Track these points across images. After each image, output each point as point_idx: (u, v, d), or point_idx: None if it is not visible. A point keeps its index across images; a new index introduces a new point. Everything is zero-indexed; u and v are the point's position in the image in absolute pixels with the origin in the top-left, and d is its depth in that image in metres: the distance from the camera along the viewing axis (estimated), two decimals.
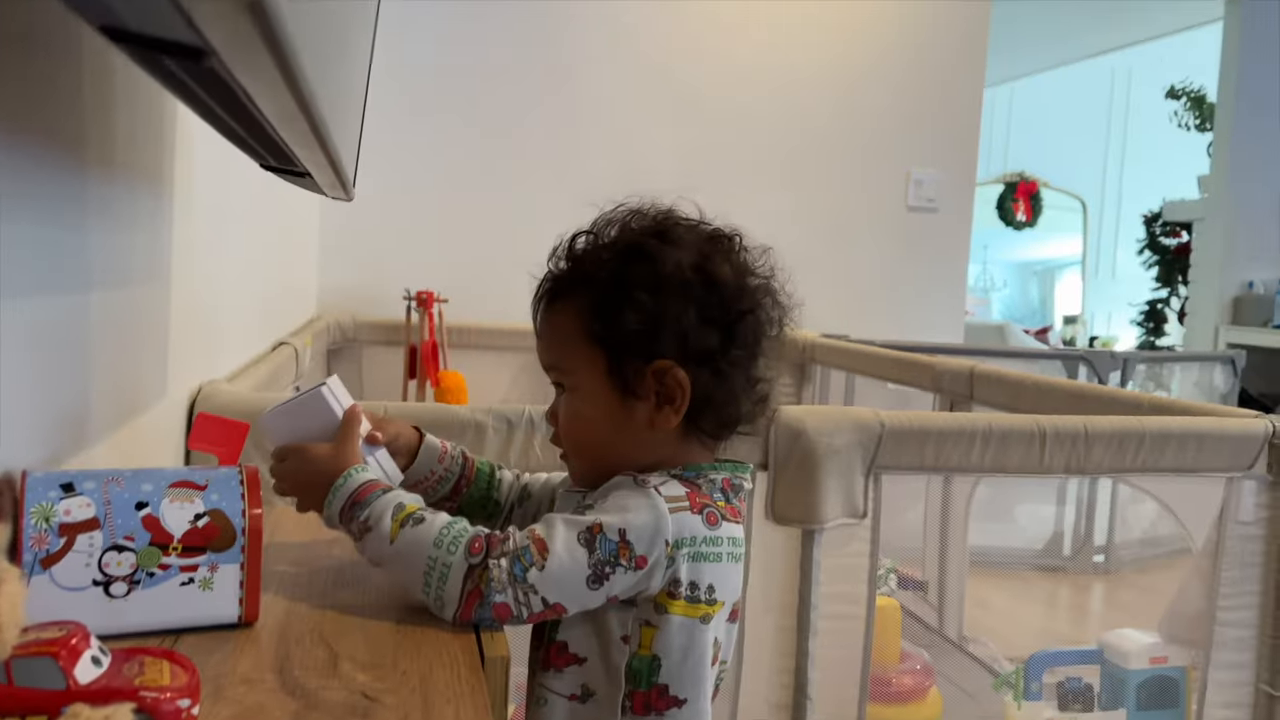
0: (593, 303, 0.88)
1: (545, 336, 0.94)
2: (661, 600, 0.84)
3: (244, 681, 0.67)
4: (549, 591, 0.80)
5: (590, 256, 0.91)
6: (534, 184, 3.32)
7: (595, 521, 0.82)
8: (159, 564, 0.73)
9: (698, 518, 0.84)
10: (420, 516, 0.83)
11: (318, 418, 0.91)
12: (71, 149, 0.85)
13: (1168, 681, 1.74)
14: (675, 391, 0.87)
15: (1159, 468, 1.64)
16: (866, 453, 1.53)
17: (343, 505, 0.85)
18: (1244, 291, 4.90)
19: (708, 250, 0.89)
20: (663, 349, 0.87)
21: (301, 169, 0.81)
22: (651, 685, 0.85)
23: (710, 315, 0.87)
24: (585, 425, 0.91)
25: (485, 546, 0.81)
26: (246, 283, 1.90)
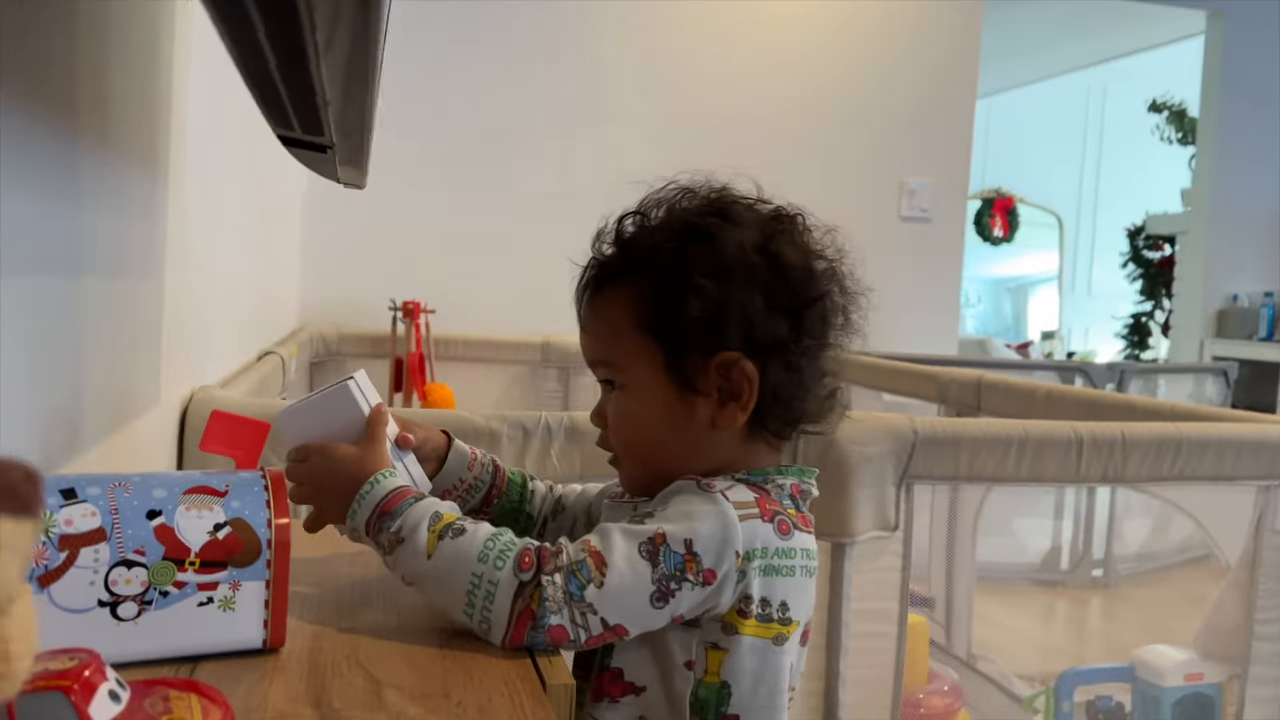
0: (647, 290, 0.80)
1: (592, 329, 0.85)
2: (731, 619, 0.75)
3: (279, 716, 0.58)
4: (609, 611, 0.71)
5: (642, 239, 0.82)
6: (523, 192, 3.24)
7: (658, 531, 0.73)
8: (174, 581, 0.64)
9: (769, 526, 0.75)
10: (460, 527, 0.73)
11: (341, 415, 0.81)
12: (64, 112, 0.76)
13: (1204, 699, 1.68)
14: (742, 386, 0.78)
15: (1196, 476, 1.57)
16: (899, 461, 1.46)
17: (370, 514, 0.75)
18: (1228, 304, 4.90)
19: (771, 230, 0.81)
20: (726, 340, 0.78)
21: (328, 139, 0.72)
22: (720, 716, 0.75)
23: (778, 302, 0.78)
24: (639, 426, 0.82)
25: (536, 561, 0.71)
26: (233, 289, 1.80)
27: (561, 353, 3.04)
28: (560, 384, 3.10)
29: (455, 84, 3.17)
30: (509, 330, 3.09)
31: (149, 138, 1.02)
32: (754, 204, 0.83)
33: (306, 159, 0.88)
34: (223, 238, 1.65)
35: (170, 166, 1.15)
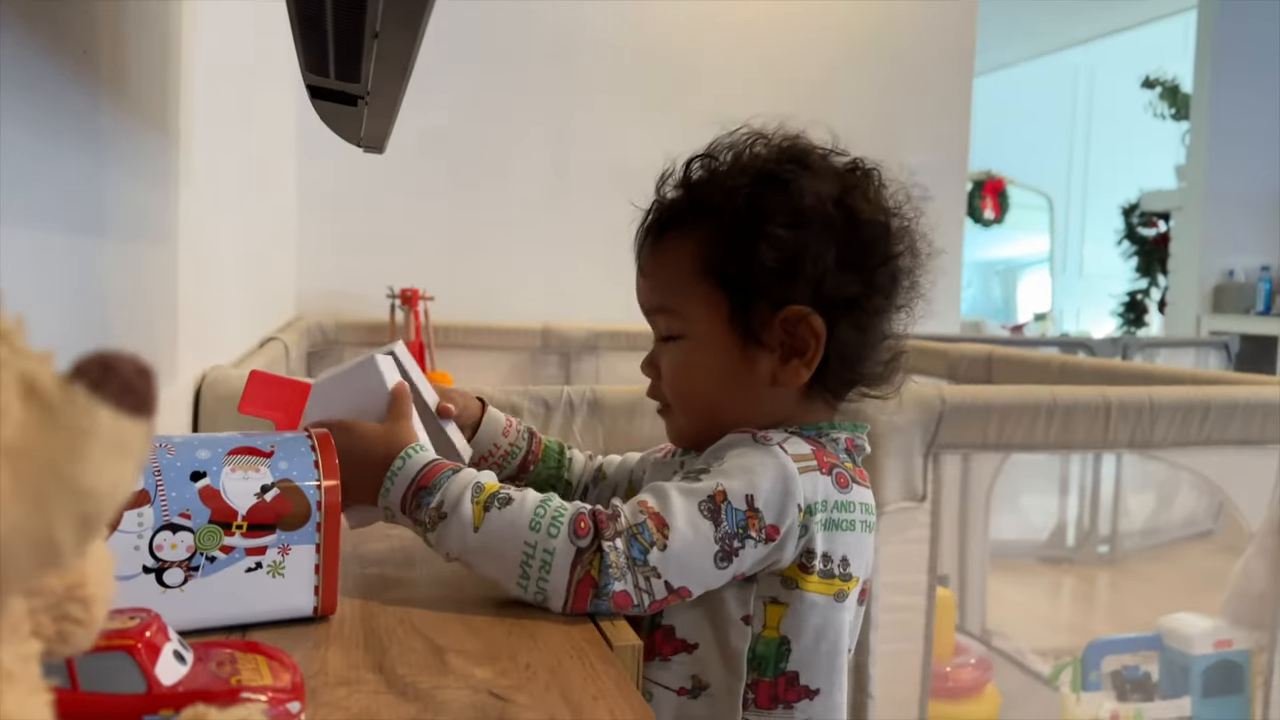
0: (719, 235, 0.76)
1: (653, 274, 0.80)
2: (792, 574, 0.71)
3: (342, 683, 0.55)
4: (673, 574, 0.68)
5: (714, 183, 0.78)
6: (520, 177, 3.20)
7: (717, 488, 0.69)
8: (221, 546, 0.60)
9: (828, 479, 0.72)
10: (506, 496, 0.69)
11: (367, 390, 0.77)
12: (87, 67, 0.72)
13: (1232, 667, 1.66)
14: (808, 343, 0.75)
15: (1223, 440, 1.56)
16: (927, 431, 1.43)
17: (405, 490, 0.71)
18: (1225, 280, 4.90)
19: (849, 183, 0.77)
20: (795, 293, 0.74)
21: (362, 88, 0.68)
22: (780, 673, 0.72)
23: (850, 258, 0.75)
24: (698, 377, 0.78)
25: (593, 525, 0.68)
26: (238, 271, 1.76)
27: (561, 338, 3.01)
28: (561, 370, 3.07)
29: (452, 69, 3.12)
30: (508, 316, 3.06)
31: (161, 99, 0.98)
32: (829, 154, 0.80)
33: (332, 115, 0.85)
34: (228, 220, 1.61)
35: (181, 140, 1.11)
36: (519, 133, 3.20)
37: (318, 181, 2.95)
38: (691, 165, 0.80)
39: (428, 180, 3.13)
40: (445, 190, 3.16)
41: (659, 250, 0.80)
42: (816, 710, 0.73)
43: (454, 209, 3.17)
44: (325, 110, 0.82)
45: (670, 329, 0.79)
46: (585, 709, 0.53)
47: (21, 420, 0.21)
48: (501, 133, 3.18)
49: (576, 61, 3.23)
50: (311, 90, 0.76)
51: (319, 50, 0.61)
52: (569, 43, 3.22)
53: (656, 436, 1.43)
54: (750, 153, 0.78)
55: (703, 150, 0.80)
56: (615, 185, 3.42)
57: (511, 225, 3.21)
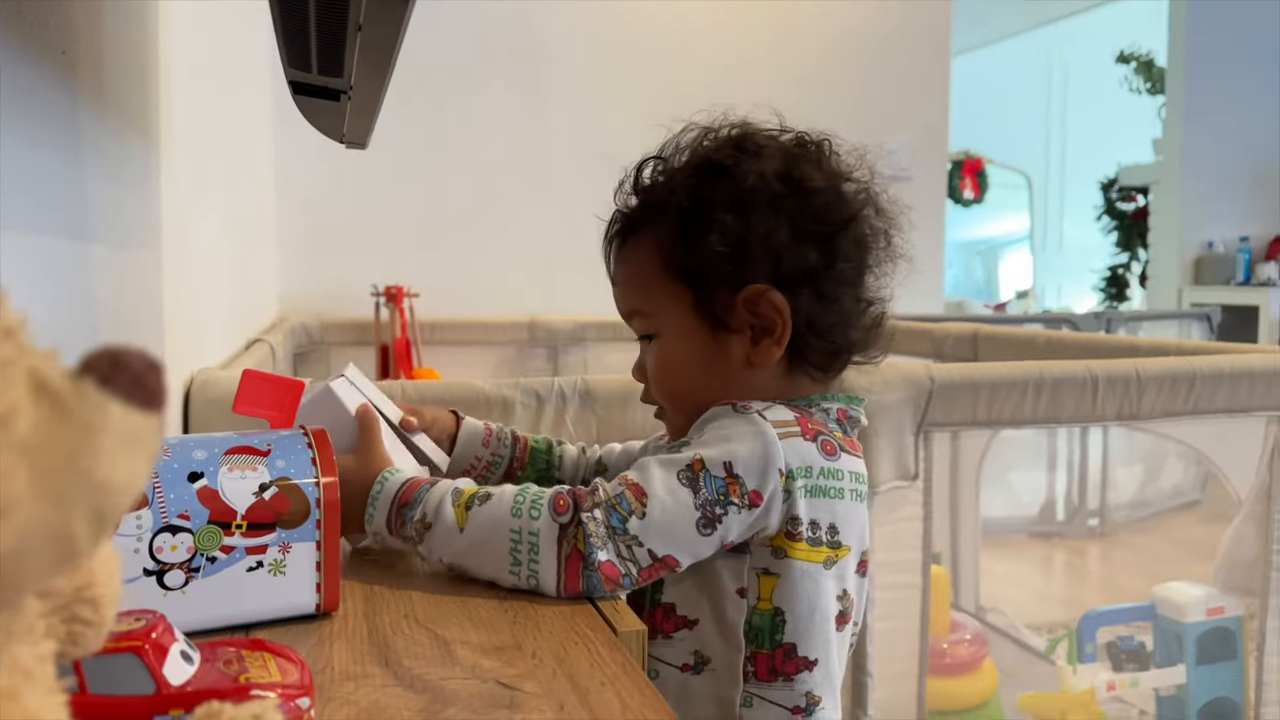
0: (670, 232, 0.78)
1: (622, 280, 0.83)
2: (780, 543, 0.72)
3: (349, 678, 0.55)
4: (655, 542, 0.69)
5: (662, 183, 0.81)
6: (502, 168, 3.19)
7: (695, 457, 0.70)
8: (221, 546, 0.60)
9: (812, 445, 0.73)
10: (485, 493, 0.71)
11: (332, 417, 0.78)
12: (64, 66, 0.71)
13: (1225, 633, 1.67)
14: (773, 320, 0.76)
15: (1210, 409, 1.57)
16: (917, 409, 1.44)
17: (388, 511, 0.73)
18: (1205, 251, 4.93)
19: (794, 157, 0.79)
20: (753, 273, 0.76)
21: (345, 82, 0.68)
22: (776, 645, 0.73)
23: (805, 229, 0.76)
24: (678, 371, 0.80)
25: (572, 501, 0.69)
26: (222, 273, 1.75)
27: (549, 331, 3.00)
28: (549, 363, 3.07)
29: (432, 63, 3.11)
30: (495, 311, 3.05)
31: (141, 99, 0.98)
32: (777, 133, 0.81)
33: (314, 111, 0.84)
34: (212, 220, 1.60)
35: (161, 141, 1.10)
36: (499, 126, 3.18)
37: (297, 180, 2.94)
38: (642, 169, 0.82)
39: (409, 176, 3.12)
40: (427, 186, 3.14)
41: (623, 256, 0.83)
42: (815, 680, 0.74)
43: (436, 205, 3.16)
44: (307, 106, 0.82)
45: (645, 329, 0.82)
46: (593, 694, 0.53)
47: (34, 417, 0.21)
48: (482, 127, 3.17)
49: (557, 54, 3.22)
50: (294, 86, 0.76)
51: (301, 44, 0.61)
52: (549, 36, 3.21)
53: (650, 425, 1.43)
54: (697, 148, 0.80)
55: (653, 153, 0.82)
56: (598, 177, 3.40)
57: (495, 219, 3.20)
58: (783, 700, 0.73)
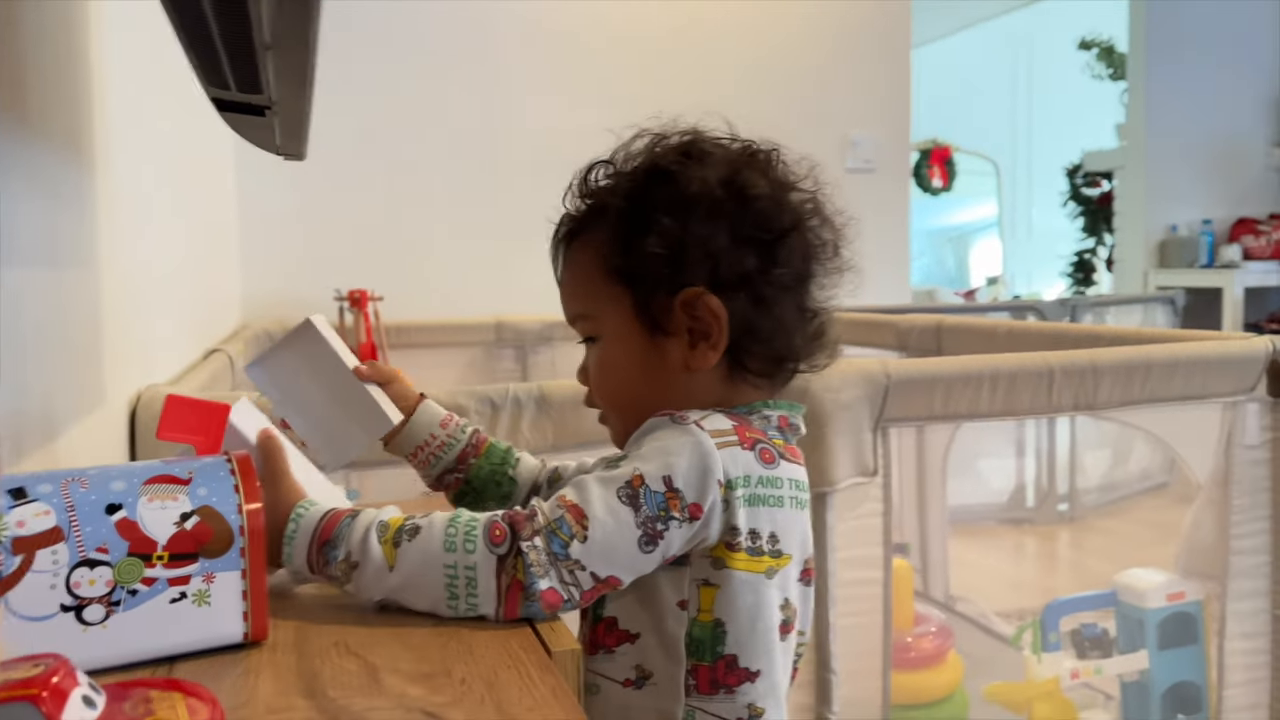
0: (611, 234, 0.78)
1: (567, 282, 0.83)
2: (720, 554, 0.72)
3: (271, 711, 0.54)
4: (597, 565, 0.68)
5: (607, 187, 0.81)
6: (462, 172, 3.17)
7: (634, 473, 0.69)
8: (142, 578, 0.59)
9: (750, 454, 0.72)
10: (413, 526, 0.69)
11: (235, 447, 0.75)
12: None
13: (1186, 617, 1.69)
14: (710, 324, 0.76)
15: (1166, 397, 1.58)
16: (874, 406, 1.44)
17: (308, 552, 0.70)
18: (1168, 235, 4.97)
19: (739, 164, 0.79)
20: (691, 277, 0.76)
21: (266, 97, 0.67)
22: (718, 657, 0.72)
23: (745, 235, 0.76)
24: (617, 374, 0.80)
25: (509, 529, 0.67)
26: (172, 287, 1.72)
27: (516, 331, 2.99)
28: (517, 363, 3.06)
29: (382, 68, 3.08)
30: (460, 312, 3.04)
31: (72, 126, 0.96)
32: (725, 142, 0.81)
33: (243, 127, 0.83)
34: (158, 234, 1.58)
35: (97, 157, 1.08)
36: (457, 128, 3.16)
37: (258, 187, 2.91)
38: (590, 174, 0.82)
39: (369, 180, 3.09)
40: (388, 190, 3.12)
41: (568, 258, 0.82)
42: (759, 692, 0.74)
43: (399, 208, 3.14)
44: (235, 122, 0.80)
45: (587, 331, 0.81)
46: None
47: None
48: (439, 129, 3.15)
49: (509, 54, 3.20)
50: (216, 103, 0.74)
51: (212, 63, 0.60)
52: (500, 35, 3.19)
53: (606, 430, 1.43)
54: (640, 154, 0.80)
55: (602, 157, 0.82)
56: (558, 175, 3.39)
57: (457, 221, 3.19)
58: (725, 713, 0.72)
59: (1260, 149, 5.09)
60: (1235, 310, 4.67)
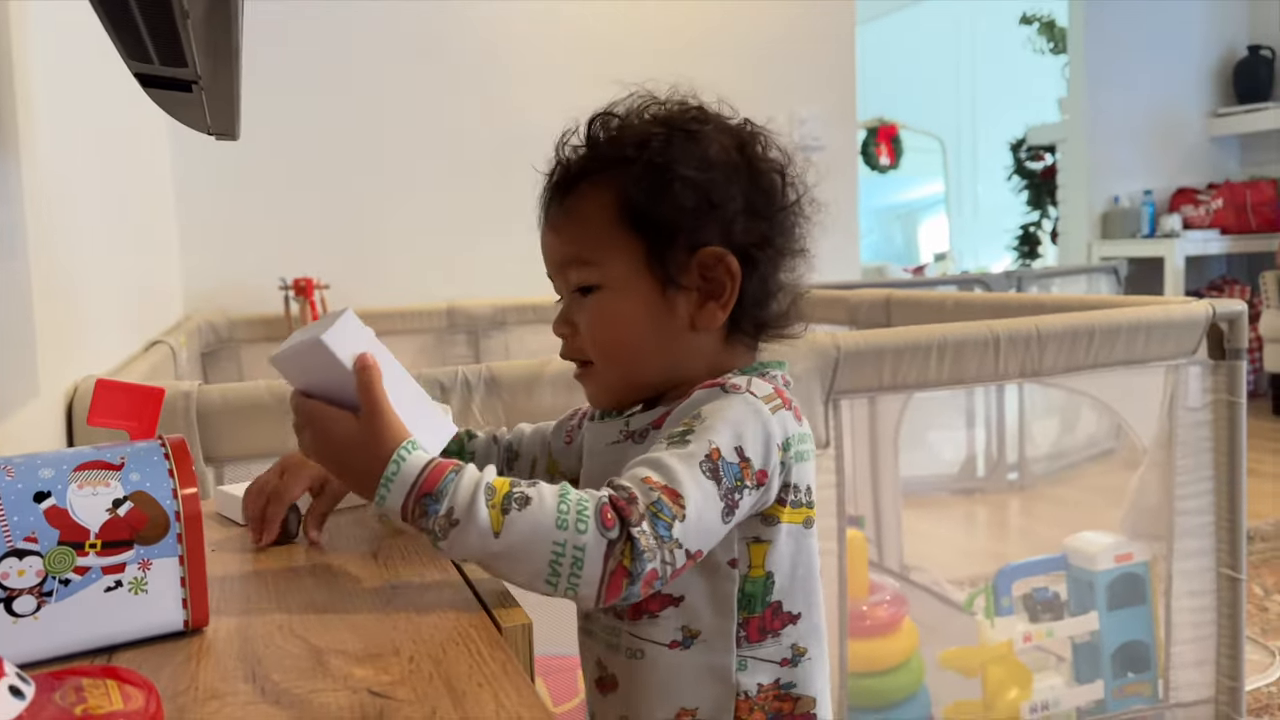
0: (633, 181, 0.77)
1: (564, 227, 0.80)
2: (773, 511, 0.74)
3: (212, 697, 0.53)
4: (692, 541, 0.68)
5: (623, 135, 0.79)
6: (408, 157, 3.13)
7: (711, 446, 0.70)
8: (74, 567, 0.57)
9: (789, 414, 0.75)
10: (523, 495, 0.66)
11: (324, 373, 0.70)
12: None
13: (1134, 579, 1.72)
14: (724, 284, 0.77)
15: (1110, 362, 1.60)
16: (825, 379, 1.44)
17: (406, 498, 0.66)
18: (1111, 206, 5.05)
19: (745, 136, 0.81)
20: (708, 235, 0.76)
21: (191, 72, 0.65)
22: (765, 606, 0.75)
23: (754, 204, 0.78)
24: (620, 325, 0.78)
25: (618, 515, 0.66)
26: (110, 277, 1.68)
27: (468, 317, 2.97)
28: (470, 349, 3.03)
29: (327, 52, 3.03)
30: (411, 299, 3.00)
31: None
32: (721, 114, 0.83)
33: (171, 104, 0.81)
34: (90, 223, 1.54)
35: (20, 142, 1.05)
36: (403, 112, 3.12)
37: (196, 175, 2.85)
38: (594, 123, 0.80)
39: (312, 166, 3.04)
40: (331, 176, 3.07)
41: (569, 203, 0.79)
42: (801, 632, 0.77)
43: (342, 194, 3.09)
44: (162, 99, 0.78)
45: (586, 280, 0.79)
46: (469, 696, 0.52)
47: None
48: (385, 113, 3.10)
49: (456, 38, 3.16)
50: (141, 79, 0.72)
51: (133, 36, 0.58)
52: (454, 23, 3.15)
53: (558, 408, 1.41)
54: (650, 112, 0.80)
55: (603, 110, 0.81)
56: (507, 158, 3.36)
57: (403, 206, 3.15)
58: (772, 656, 0.76)
59: (1198, 120, 5.18)
60: (1176, 278, 4.76)
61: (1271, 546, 2.86)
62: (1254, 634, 2.24)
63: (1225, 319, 1.64)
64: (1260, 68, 5.06)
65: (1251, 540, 2.83)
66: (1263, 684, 2.03)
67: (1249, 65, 5.08)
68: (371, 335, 0.73)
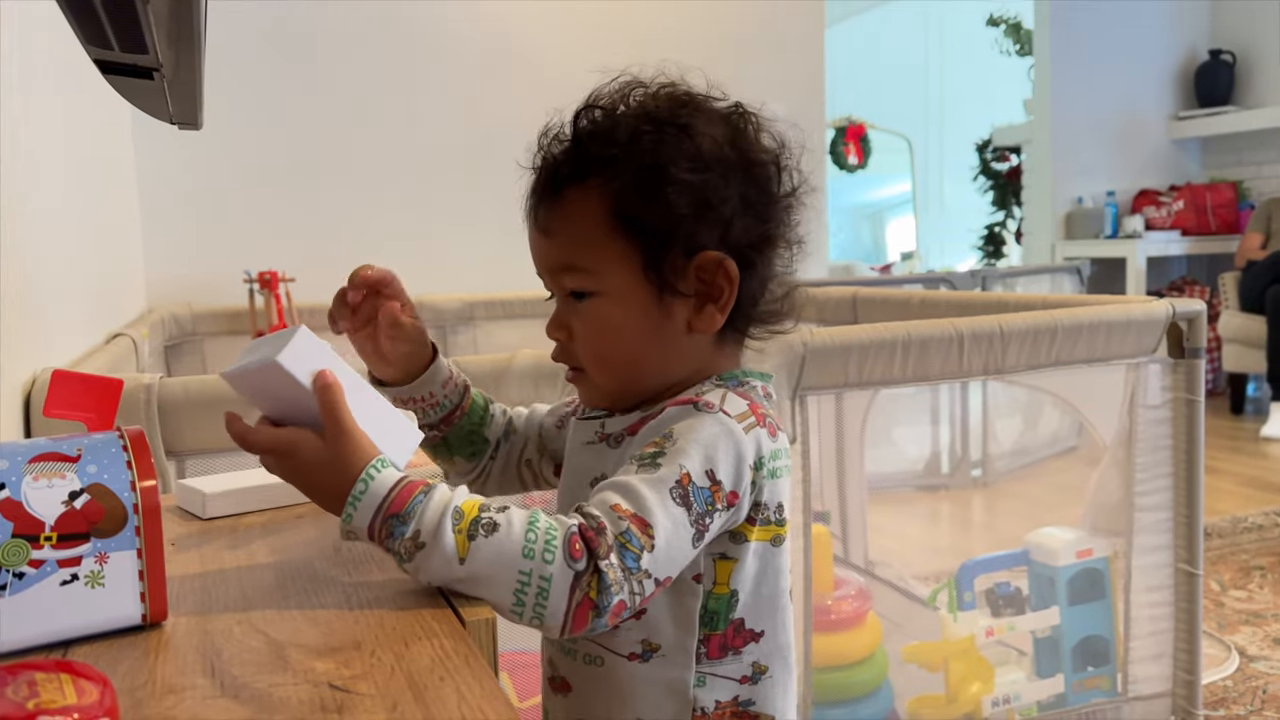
0: (625, 185, 0.73)
1: (556, 231, 0.76)
2: (742, 529, 0.72)
3: (170, 691, 0.52)
4: (661, 570, 0.67)
5: (611, 133, 0.75)
6: (376, 151, 3.11)
7: (682, 471, 0.68)
8: (29, 560, 0.56)
9: (764, 431, 0.73)
10: (491, 521, 0.64)
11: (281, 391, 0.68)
12: None
13: (1094, 573, 1.74)
14: (722, 288, 0.74)
15: (1071, 360, 1.62)
16: (791, 375, 1.45)
17: (373, 518, 0.65)
18: (1074, 207, 5.11)
19: (736, 126, 0.77)
20: (705, 238, 0.73)
21: (153, 58, 0.64)
22: (728, 624, 0.73)
23: (751, 199, 0.75)
24: (616, 334, 0.76)
25: (586, 547, 0.64)
26: (69, 266, 1.66)
27: (436, 311, 2.95)
28: (437, 343, 3.00)
29: (297, 36, 3.00)
30: None
31: None
32: (709, 99, 0.78)
33: (132, 91, 0.79)
34: (52, 214, 1.51)
35: None
36: (370, 106, 3.10)
37: (159, 165, 2.81)
38: (579, 118, 0.76)
39: (278, 159, 3.02)
40: (297, 168, 3.05)
41: (560, 206, 0.76)
42: (764, 651, 0.75)
43: (308, 186, 3.06)
44: (123, 86, 0.77)
45: (581, 286, 0.76)
46: (430, 690, 0.52)
47: None
48: (351, 107, 3.08)
49: (424, 32, 3.14)
50: (101, 65, 0.71)
51: (92, 21, 0.57)
52: (415, 15, 3.13)
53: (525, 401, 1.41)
54: (636, 100, 0.76)
55: (587, 102, 0.76)
56: (475, 153, 3.35)
57: (371, 199, 3.12)
58: (731, 673, 0.74)
59: (1160, 123, 5.26)
60: (1138, 279, 4.83)
61: (1228, 543, 2.92)
62: (1210, 629, 2.28)
63: (1185, 318, 1.66)
64: (1220, 72, 5.15)
65: (1209, 536, 2.88)
66: (1218, 678, 2.06)
67: (1210, 69, 5.16)
68: (329, 349, 0.70)
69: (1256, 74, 5.11)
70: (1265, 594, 2.52)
